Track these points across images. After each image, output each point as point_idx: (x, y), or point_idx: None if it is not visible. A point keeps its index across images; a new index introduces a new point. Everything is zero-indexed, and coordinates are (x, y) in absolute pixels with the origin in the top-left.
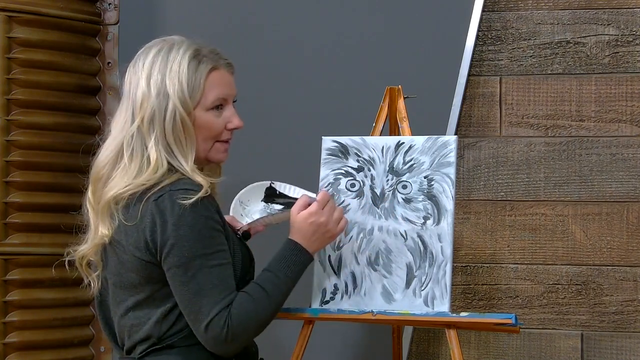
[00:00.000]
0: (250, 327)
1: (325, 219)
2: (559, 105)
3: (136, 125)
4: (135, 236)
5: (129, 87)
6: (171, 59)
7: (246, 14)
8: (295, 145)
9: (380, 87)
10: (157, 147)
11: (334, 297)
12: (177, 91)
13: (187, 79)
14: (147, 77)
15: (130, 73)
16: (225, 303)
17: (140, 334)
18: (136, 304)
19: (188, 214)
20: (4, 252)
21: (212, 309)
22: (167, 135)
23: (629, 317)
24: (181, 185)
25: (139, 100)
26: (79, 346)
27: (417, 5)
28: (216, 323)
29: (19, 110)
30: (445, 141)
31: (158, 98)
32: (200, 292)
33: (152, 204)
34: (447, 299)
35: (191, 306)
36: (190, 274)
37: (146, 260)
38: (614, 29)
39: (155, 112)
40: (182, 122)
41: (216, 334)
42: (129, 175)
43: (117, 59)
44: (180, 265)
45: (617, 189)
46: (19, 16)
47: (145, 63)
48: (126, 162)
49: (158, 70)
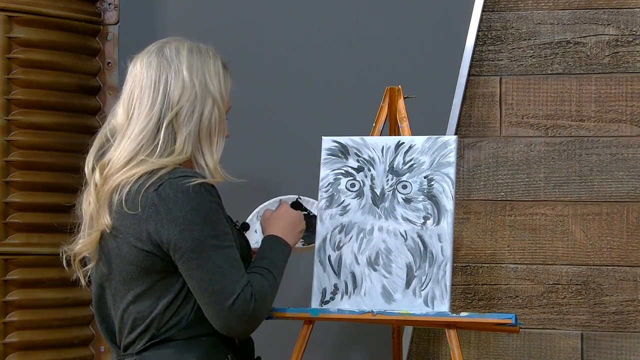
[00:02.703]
0: (268, 304)
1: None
2: (559, 105)
3: (170, 117)
4: (136, 227)
5: (157, 79)
6: (208, 60)
7: (246, 13)
8: (295, 145)
9: (380, 87)
10: (188, 140)
11: (334, 297)
12: (218, 90)
13: (224, 82)
14: (188, 70)
15: (158, 65)
16: (246, 280)
17: (142, 327)
18: (137, 296)
19: (192, 198)
20: (4, 252)
21: (236, 286)
22: (200, 130)
23: (629, 317)
24: (180, 173)
25: (178, 91)
26: (79, 346)
27: (417, 5)
28: (242, 298)
29: (19, 110)
30: (445, 141)
31: (201, 90)
32: (219, 272)
33: (152, 194)
34: (447, 299)
35: (214, 286)
36: (205, 256)
37: (147, 250)
38: (614, 29)
39: (196, 105)
40: (218, 119)
41: (244, 309)
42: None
43: (117, 59)
44: (193, 248)
45: (617, 189)
46: (19, 16)
47: (180, 57)
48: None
49: (197, 66)
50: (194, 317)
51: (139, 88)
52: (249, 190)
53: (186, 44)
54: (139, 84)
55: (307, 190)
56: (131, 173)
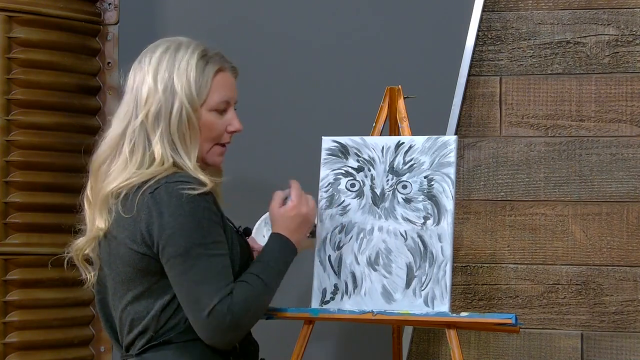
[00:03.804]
0: (250, 315)
1: (306, 210)
2: (559, 105)
3: (140, 119)
4: (132, 229)
5: (132, 82)
6: (179, 57)
7: (246, 13)
8: (295, 145)
9: (380, 87)
10: (162, 143)
11: (334, 297)
12: (185, 88)
13: (195, 77)
14: (153, 73)
15: (136, 69)
16: (226, 291)
17: (140, 328)
18: (135, 297)
19: (185, 204)
20: (4, 252)
21: (214, 296)
22: (172, 132)
23: (629, 317)
24: (177, 178)
25: (144, 95)
26: (79, 346)
27: (417, 5)
28: (219, 310)
29: (19, 110)
30: (445, 141)
31: (165, 94)
32: (201, 281)
33: (148, 196)
34: (447, 299)
35: (192, 295)
36: (189, 263)
37: (142, 252)
38: (614, 29)
39: (161, 107)
40: (187, 120)
41: (219, 321)
42: (130, 169)
43: (117, 59)
44: (178, 255)
45: (617, 189)
46: (19, 16)
47: (152, 60)
48: (127, 156)
49: (165, 67)
50: None
51: (124, 93)
52: (248, 191)
53: (166, 44)
54: (125, 89)
55: (307, 190)
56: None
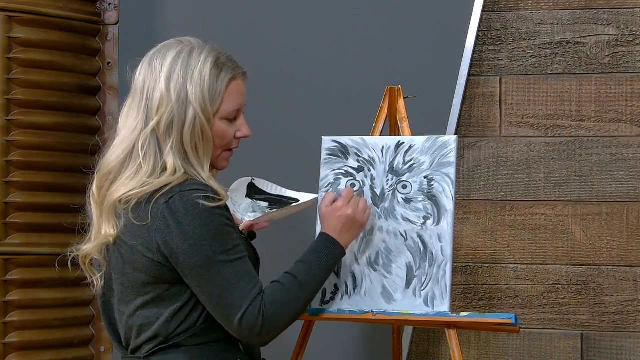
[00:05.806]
0: (284, 316)
1: (352, 211)
2: (559, 105)
3: (151, 127)
4: (146, 237)
5: (143, 86)
6: (192, 64)
7: (246, 14)
8: (295, 145)
9: (380, 87)
10: (173, 153)
11: (334, 297)
12: (199, 98)
13: (209, 87)
14: (166, 80)
15: (145, 71)
16: (255, 293)
17: (149, 333)
18: (145, 303)
19: (202, 213)
20: (4, 252)
21: (244, 300)
22: (184, 143)
23: (629, 317)
24: (191, 186)
25: (156, 102)
26: (79, 346)
27: (417, 6)
28: (250, 313)
29: (19, 110)
30: (445, 141)
31: (178, 103)
32: (228, 287)
33: (162, 205)
34: (447, 299)
35: (221, 302)
36: (214, 271)
37: (157, 261)
38: (614, 29)
39: (174, 117)
40: (201, 130)
41: (252, 324)
42: (140, 177)
43: (117, 59)
44: (202, 264)
45: (617, 189)
46: (19, 16)
47: (164, 64)
48: (141, 163)
49: (179, 74)
50: (203, 325)
51: (131, 94)
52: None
53: (178, 47)
54: (132, 89)
55: (307, 191)
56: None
